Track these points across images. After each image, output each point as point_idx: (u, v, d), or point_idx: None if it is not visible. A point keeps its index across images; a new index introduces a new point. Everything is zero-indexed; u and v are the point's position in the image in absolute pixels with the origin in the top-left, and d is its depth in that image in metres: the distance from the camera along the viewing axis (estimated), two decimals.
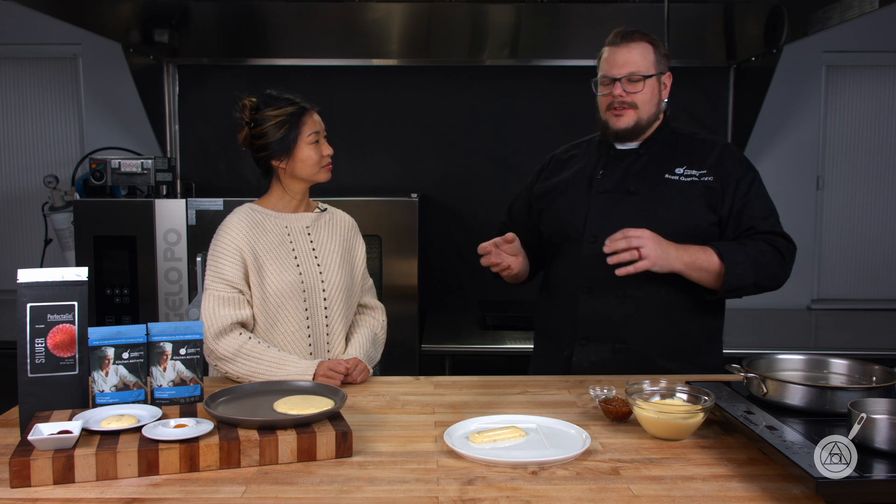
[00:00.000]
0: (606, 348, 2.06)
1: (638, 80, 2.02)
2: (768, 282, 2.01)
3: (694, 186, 2.03)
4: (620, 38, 2.05)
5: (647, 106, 2.05)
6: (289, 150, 2.00)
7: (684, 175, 2.05)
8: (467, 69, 3.90)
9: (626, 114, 2.05)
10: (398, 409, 1.77)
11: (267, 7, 3.23)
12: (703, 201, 2.03)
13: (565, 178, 2.18)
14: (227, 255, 1.99)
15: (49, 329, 1.58)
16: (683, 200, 2.03)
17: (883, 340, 3.44)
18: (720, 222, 2.04)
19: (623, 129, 2.06)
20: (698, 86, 3.86)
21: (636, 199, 2.05)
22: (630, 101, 2.03)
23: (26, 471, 1.32)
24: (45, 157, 3.99)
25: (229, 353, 1.93)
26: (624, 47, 2.04)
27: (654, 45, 2.05)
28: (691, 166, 2.06)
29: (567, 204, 2.12)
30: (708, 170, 2.05)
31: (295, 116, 2.00)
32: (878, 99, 3.98)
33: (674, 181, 2.04)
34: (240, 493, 1.30)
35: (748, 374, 1.63)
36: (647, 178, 2.06)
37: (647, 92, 2.04)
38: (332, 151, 2.06)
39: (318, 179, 2.06)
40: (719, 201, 2.03)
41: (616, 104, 2.04)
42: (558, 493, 1.30)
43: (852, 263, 4.05)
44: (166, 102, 3.86)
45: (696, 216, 2.02)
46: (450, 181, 3.91)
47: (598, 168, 2.12)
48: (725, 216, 2.04)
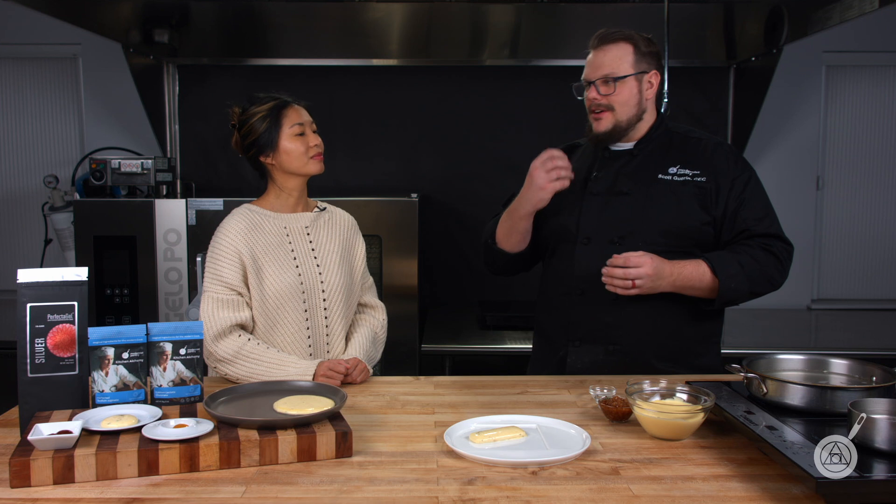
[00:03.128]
0: (599, 350, 2.06)
1: (611, 83, 2.02)
2: (764, 288, 2.00)
3: (686, 186, 2.02)
4: (599, 41, 2.05)
5: (625, 108, 2.04)
6: (273, 144, 2.01)
7: (677, 175, 2.03)
8: (467, 69, 3.90)
9: (604, 116, 2.05)
10: (398, 409, 1.77)
11: (267, 7, 3.23)
12: (696, 201, 2.01)
13: None
14: (226, 258, 1.99)
15: (49, 329, 1.58)
16: (675, 200, 2.01)
17: (883, 340, 3.44)
18: (714, 223, 2.02)
19: (602, 133, 2.06)
20: (698, 86, 3.86)
21: (628, 199, 2.04)
22: (605, 103, 2.03)
23: (26, 471, 1.32)
24: (45, 157, 3.99)
25: (229, 354, 1.93)
26: (600, 50, 2.04)
27: (633, 44, 2.03)
28: (685, 166, 2.04)
29: (561, 205, 2.11)
30: (701, 169, 2.03)
31: (276, 109, 2.02)
32: (878, 99, 3.98)
33: (666, 181, 2.03)
34: (240, 493, 1.30)
35: (748, 374, 1.63)
36: (640, 178, 2.05)
37: (624, 93, 2.03)
38: (319, 142, 2.05)
39: (308, 171, 2.05)
40: (713, 201, 2.01)
41: (594, 107, 2.05)
42: (558, 493, 1.30)
43: (852, 263, 4.05)
44: (166, 102, 3.86)
45: (688, 216, 2.01)
46: (450, 181, 3.91)
47: (593, 169, 2.12)
48: (720, 217, 2.02)
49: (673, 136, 2.11)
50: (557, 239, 2.13)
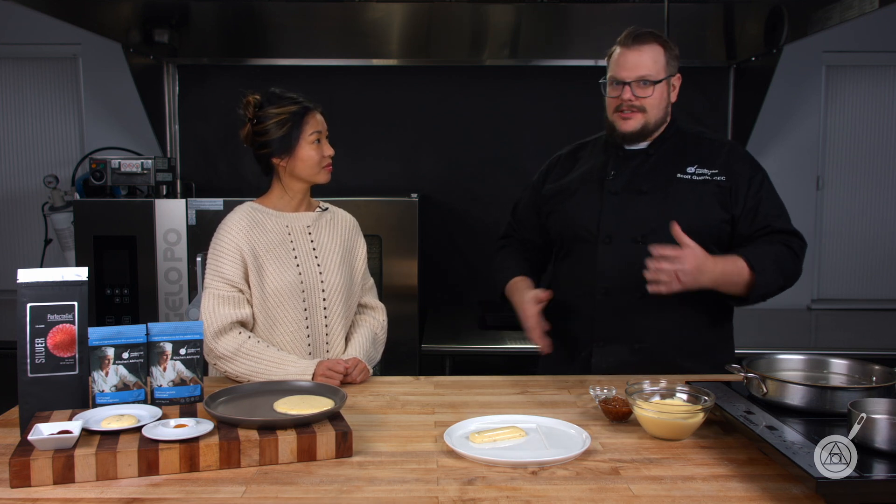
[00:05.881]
0: (624, 349, 2.05)
1: (648, 85, 2.01)
2: (791, 282, 2.02)
3: (707, 185, 2.03)
4: (632, 40, 2.02)
5: (656, 110, 2.04)
6: (290, 149, 2.00)
7: (696, 174, 2.04)
8: (467, 69, 3.90)
9: (634, 117, 2.03)
10: (398, 409, 1.77)
11: (267, 7, 3.24)
12: (716, 200, 2.02)
13: (574, 179, 2.16)
14: (227, 254, 1.99)
15: (49, 329, 1.58)
16: (696, 199, 2.02)
17: (883, 340, 3.44)
18: (732, 220, 2.04)
19: (630, 133, 2.05)
20: (698, 86, 3.86)
21: (648, 198, 2.04)
22: (639, 105, 2.02)
23: (26, 471, 1.32)
24: (45, 157, 3.99)
25: (229, 352, 1.93)
26: (635, 50, 2.01)
27: (665, 47, 2.03)
28: (702, 165, 2.05)
29: (578, 205, 2.10)
30: (720, 169, 2.04)
31: (297, 115, 2.01)
32: (878, 99, 3.98)
33: (686, 180, 2.04)
34: (240, 493, 1.30)
35: (748, 374, 1.63)
36: (658, 177, 2.06)
37: (657, 96, 2.03)
38: (332, 152, 2.05)
39: (318, 180, 2.06)
40: (731, 200, 2.03)
41: (624, 107, 2.03)
42: (558, 493, 1.30)
43: (852, 263, 4.05)
44: (166, 102, 3.86)
45: (709, 215, 2.02)
46: (450, 181, 3.91)
47: (609, 168, 2.11)
48: (738, 215, 2.03)
49: (686, 137, 2.12)
50: (574, 239, 2.12)
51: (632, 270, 1.95)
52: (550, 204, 2.19)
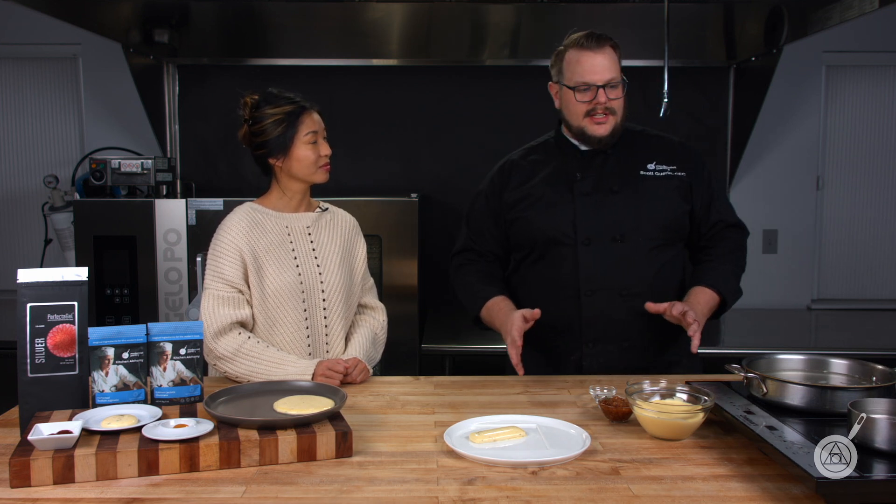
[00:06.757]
0: (613, 348, 2.06)
1: (617, 86, 2.02)
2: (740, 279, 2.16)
3: (670, 181, 2.10)
4: (595, 42, 2.00)
5: (623, 111, 2.06)
6: (286, 149, 2.00)
7: (657, 170, 2.10)
8: (467, 69, 3.90)
9: (608, 120, 2.03)
10: (398, 409, 1.77)
11: (267, 7, 3.23)
12: (678, 194, 2.10)
13: (537, 184, 2.14)
14: (227, 255, 1.99)
15: (49, 329, 1.58)
16: (662, 195, 2.08)
17: (883, 340, 3.44)
18: (691, 213, 2.13)
19: (605, 136, 2.04)
20: (698, 86, 3.86)
21: (620, 197, 2.07)
22: (612, 107, 2.03)
23: (26, 471, 1.32)
24: (45, 157, 3.99)
25: (228, 352, 1.93)
26: (600, 53, 2.00)
27: (616, 48, 2.05)
28: (661, 162, 2.11)
29: (549, 209, 2.09)
30: (677, 164, 2.12)
31: (293, 115, 2.00)
32: (878, 99, 3.98)
33: (650, 177, 2.09)
34: (240, 493, 1.30)
35: (748, 374, 1.63)
36: (625, 175, 2.09)
37: (622, 97, 2.05)
38: (330, 152, 2.05)
39: (315, 180, 2.06)
40: (690, 194, 2.12)
41: (599, 111, 2.01)
42: (558, 493, 1.30)
43: (852, 263, 4.05)
44: (166, 102, 3.86)
45: (674, 209, 2.10)
46: (450, 181, 3.91)
47: (573, 170, 2.11)
48: (697, 209, 2.13)
49: (634, 134, 2.16)
50: (548, 243, 2.10)
51: (613, 270, 2.03)
52: (515, 211, 2.15)
